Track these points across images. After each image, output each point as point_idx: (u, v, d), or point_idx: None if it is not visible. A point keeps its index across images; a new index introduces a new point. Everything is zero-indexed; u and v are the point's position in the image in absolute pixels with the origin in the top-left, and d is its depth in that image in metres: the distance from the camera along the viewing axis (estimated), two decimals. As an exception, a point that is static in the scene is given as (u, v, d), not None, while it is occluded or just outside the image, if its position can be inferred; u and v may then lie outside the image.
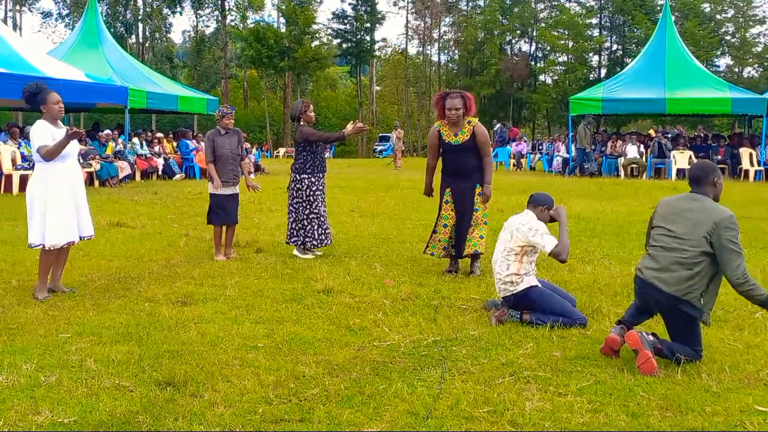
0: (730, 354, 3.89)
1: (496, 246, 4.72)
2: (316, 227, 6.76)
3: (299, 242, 6.80)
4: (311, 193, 6.74)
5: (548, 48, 48.12)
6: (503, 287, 4.57)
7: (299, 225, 6.78)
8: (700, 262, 3.61)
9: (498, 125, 25.17)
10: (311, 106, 6.96)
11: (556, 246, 4.41)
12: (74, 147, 5.15)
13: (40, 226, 4.98)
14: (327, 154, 6.74)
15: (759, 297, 3.56)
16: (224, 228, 6.75)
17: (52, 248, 5.00)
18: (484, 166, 5.97)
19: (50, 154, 4.90)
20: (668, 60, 19.92)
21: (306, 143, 6.73)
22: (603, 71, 46.10)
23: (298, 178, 6.77)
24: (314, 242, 6.77)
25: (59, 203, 4.99)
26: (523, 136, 30.25)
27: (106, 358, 3.73)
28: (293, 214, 6.82)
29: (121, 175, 15.42)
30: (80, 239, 5.24)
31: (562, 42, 46.26)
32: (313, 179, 6.75)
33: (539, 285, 4.56)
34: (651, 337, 3.69)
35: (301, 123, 6.79)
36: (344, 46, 48.97)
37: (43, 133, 4.94)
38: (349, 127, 6.80)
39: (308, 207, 6.75)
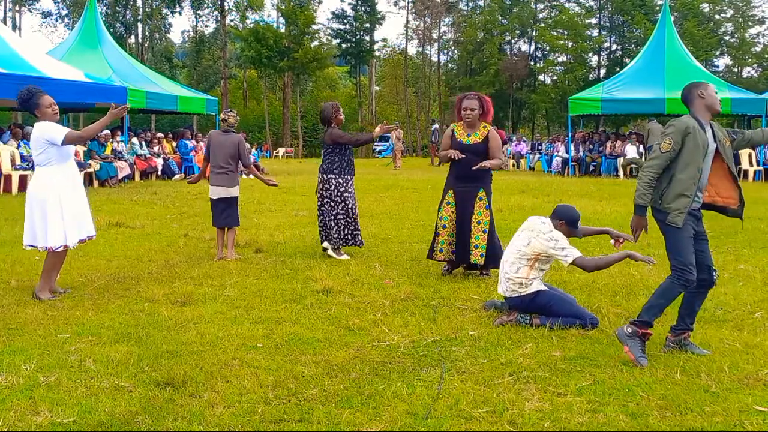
0: (730, 354, 3.90)
1: (509, 245, 4.63)
2: (342, 227, 6.76)
3: (333, 245, 6.80)
4: (339, 194, 6.74)
5: (548, 48, 48.11)
6: (511, 287, 4.49)
7: (326, 226, 6.80)
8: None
9: (435, 125, 24.50)
10: (340, 108, 7.03)
11: (580, 257, 4.27)
12: (73, 147, 5.20)
13: (42, 228, 4.96)
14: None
15: (636, 195, 3.82)
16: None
17: (67, 248, 5.07)
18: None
19: (81, 138, 5.03)
20: (667, 60, 19.94)
21: (335, 145, 6.75)
22: (602, 71, 46.10)
23: (325, 178, 6.79)
24: (340, 242, 6.77)
25: (72, 202, 5.05)
26: (523, 137, 30.20)
27: (106, 358, 3.73)
28: (320, 216, 6.86)
29: (120, 175, 15.43)
30: (85, 239, 5.28)
31: (562, 42, 46.25)
32: (340, 180, 6.75)
33: (547, 289, 4.50)
34: (628, 329, 3.78)
35: (332, 125, 6.84)
36: (344, 46, 48.97)
37: (56, 126, 4.97)
38: (378, 128, 6.86)
39: (336, 207, 6.75)
